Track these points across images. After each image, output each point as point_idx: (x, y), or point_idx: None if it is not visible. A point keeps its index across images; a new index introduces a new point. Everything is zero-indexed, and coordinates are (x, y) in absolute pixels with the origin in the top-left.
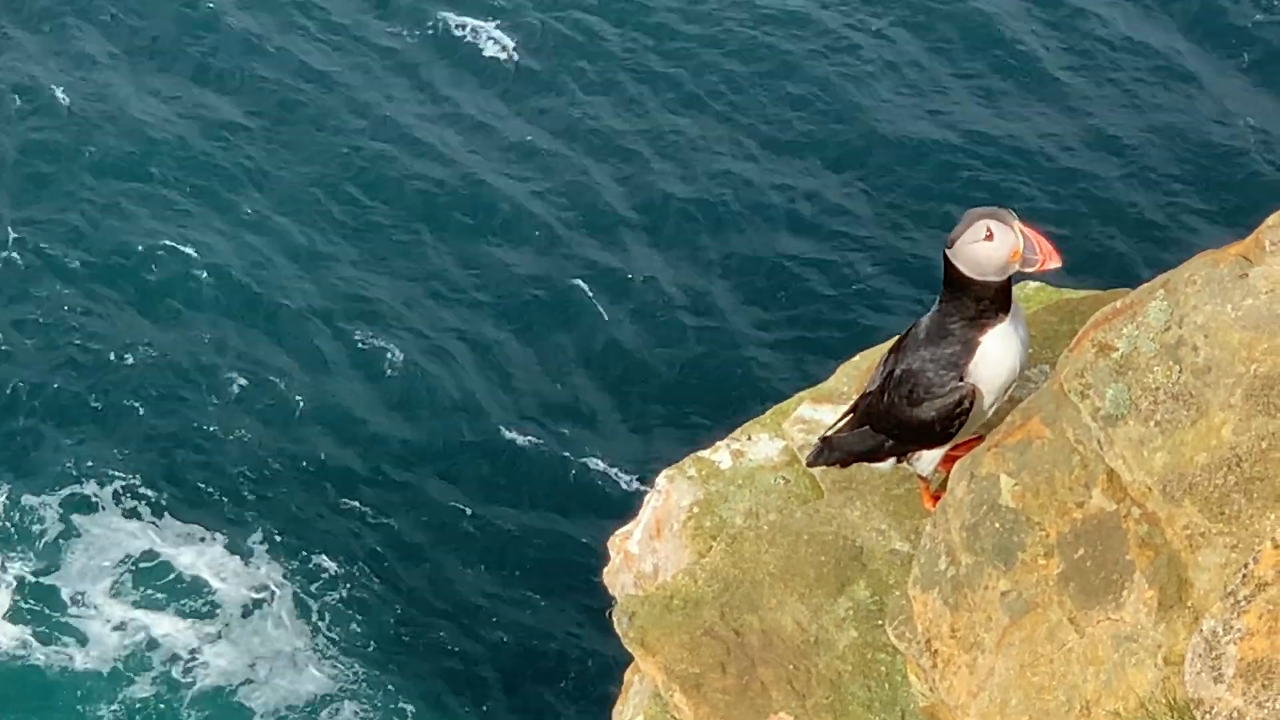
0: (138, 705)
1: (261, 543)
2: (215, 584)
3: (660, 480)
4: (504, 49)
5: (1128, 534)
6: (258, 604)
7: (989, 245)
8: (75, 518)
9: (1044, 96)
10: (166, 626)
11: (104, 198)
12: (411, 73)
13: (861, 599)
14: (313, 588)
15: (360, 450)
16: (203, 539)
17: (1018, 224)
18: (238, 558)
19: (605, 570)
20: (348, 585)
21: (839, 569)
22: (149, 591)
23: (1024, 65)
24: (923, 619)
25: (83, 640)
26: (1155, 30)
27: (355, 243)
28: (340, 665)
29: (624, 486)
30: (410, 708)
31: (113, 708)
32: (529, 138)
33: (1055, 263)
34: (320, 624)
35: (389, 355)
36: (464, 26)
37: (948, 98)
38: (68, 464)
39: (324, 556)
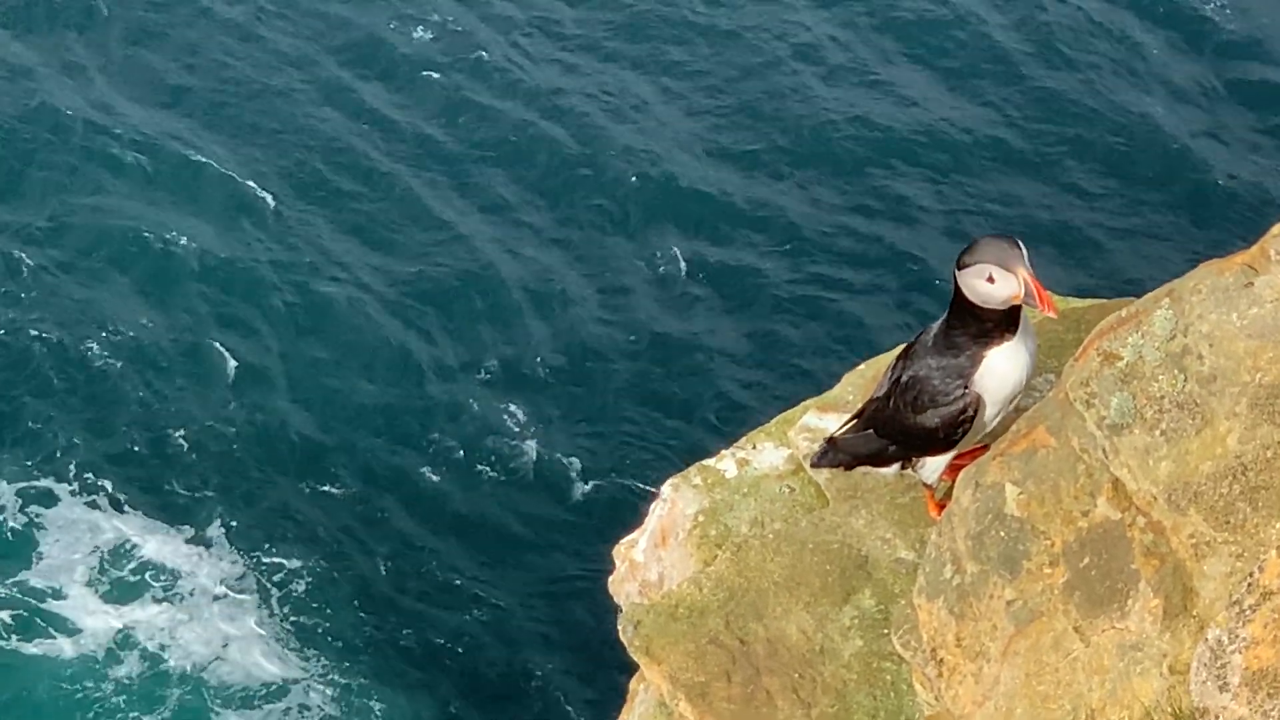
0: (108, 693)
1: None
2: (197, 573)
3: (665, 489)
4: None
5: (1133, 543)
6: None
7: (989, 287)
8: (38, 509)
9: (1050, 108)
10: (138, 615)
11: (71, 186)
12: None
13: (867, 608)
14: (306, 585)
15: (356, 454)
16: (188, 530)
17: (1022, 271)
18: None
19: (610, 579)
20: (345, 591)
21: (844, 578)
22: (117, 581)
23: (1031, 76)
24: (928, 628)
25: (52, 630)
26: (1161, 42)
27: (342, 238)
28: (340, 676)
29: (629, 495)
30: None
31: (82, 696)
32: (532, 141)
33: (1051, 314)
34: (317, 628)
35: (382, 356)
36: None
37: (957, 109)
38: (31, 454)
39: (319, 559)
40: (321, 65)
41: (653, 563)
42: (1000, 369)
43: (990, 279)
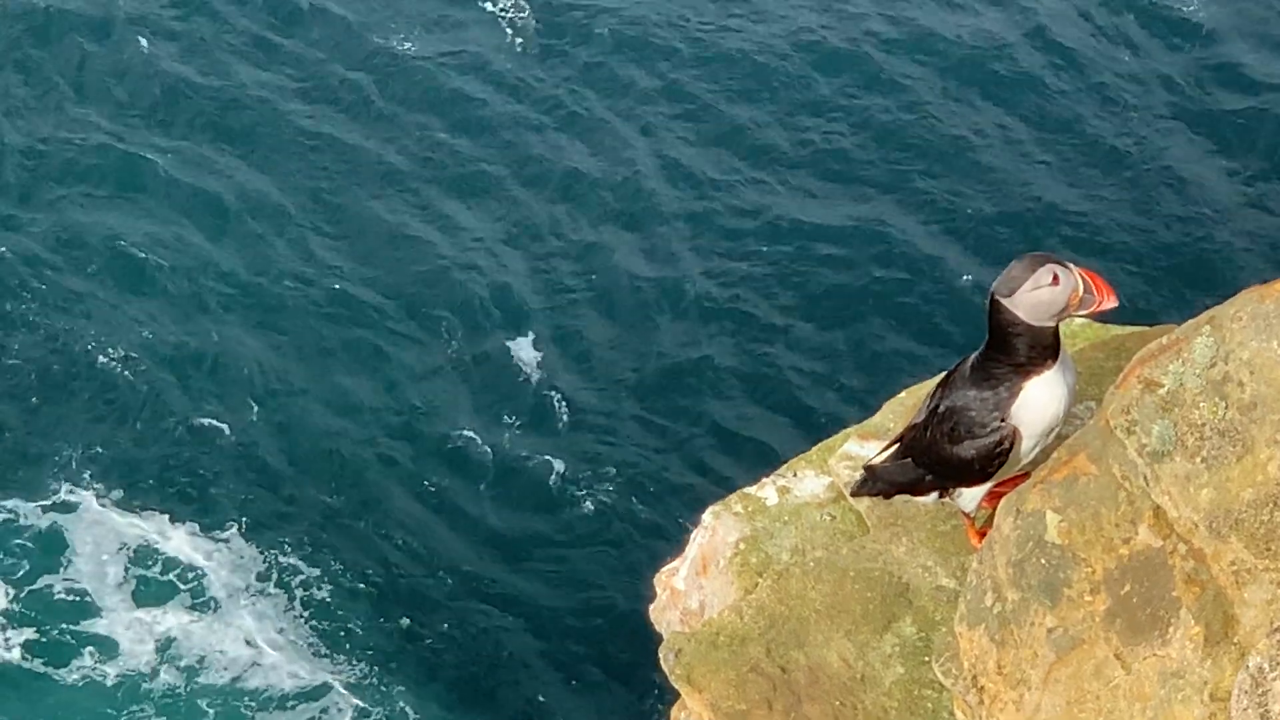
0: (137, 698)
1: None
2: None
3: (706, 516)
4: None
5: (1174, 570)
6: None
7: (1053, 290)
8: (58, 517)
9: (1087, 135)
10: (163, 620)
11: (74, 194)
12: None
13: (908, 635)
14: (335, 597)
15: (383, 469)
16: (214, 533)
17: (1075, 268)
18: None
19: (651, 607)
20: (375, 608)
21: (885, 605)
22: (140, 586)
23: (1070, 102)
24: (969, 655)
25: (79, 638)
26: (1201, 66)
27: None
28: (370, 693)
29: (670, 522)
30: None
31: (113, 702)
32: (562, 163)
33: (1112, 302)
34: (346, 640)
35: (415, 369)
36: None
37: (990, 136)
38: (50, 462)
39: (348, 572)
40: (316, 72)
41: (694, 590)
42: (1038, 401)
43: (1055, 279)
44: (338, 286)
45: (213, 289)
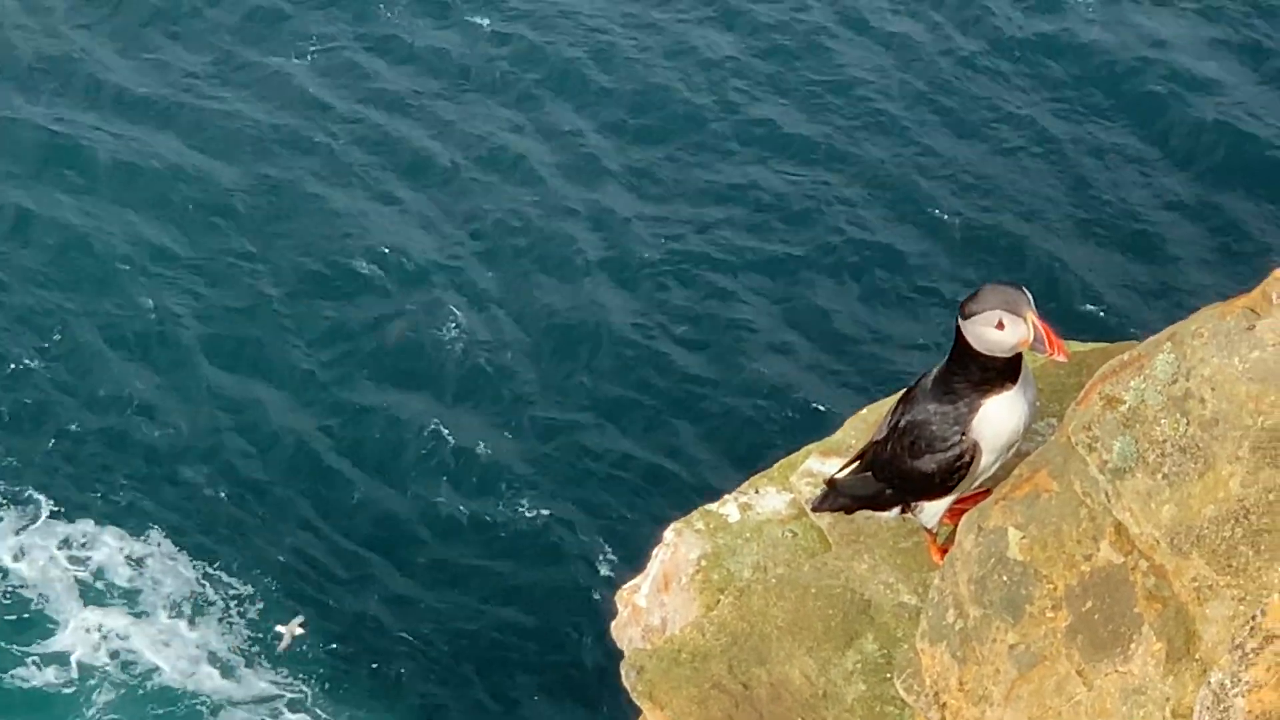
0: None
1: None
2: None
3: (668, 534)
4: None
5: (1135, 586)
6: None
7: (998, 333)
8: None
9: (1052, 155)
10: (102, 627)
11: (18, 194)
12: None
13: (870, 652)
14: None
15: (350, 490)
16: (152, 540)
17: (1030, 315)
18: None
19: (613, 624)
20: (337, 630)
21: (847, 622)
22: (89, 596)
23: (1031, 120)
24: (931, 672)
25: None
26: (1163, 87)
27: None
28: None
29: (632, 540)
30: None
31: (45, 707)
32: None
33: (1062, 358)
34: (308, 659)
35: (376, 389)
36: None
37: (961, 151)
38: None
39: (308, 589)
40: (299, 75)
41: (655, 608)
42: (998, 417)
43: (1000, 325)
44: (275, 286)
45: (145, 283)
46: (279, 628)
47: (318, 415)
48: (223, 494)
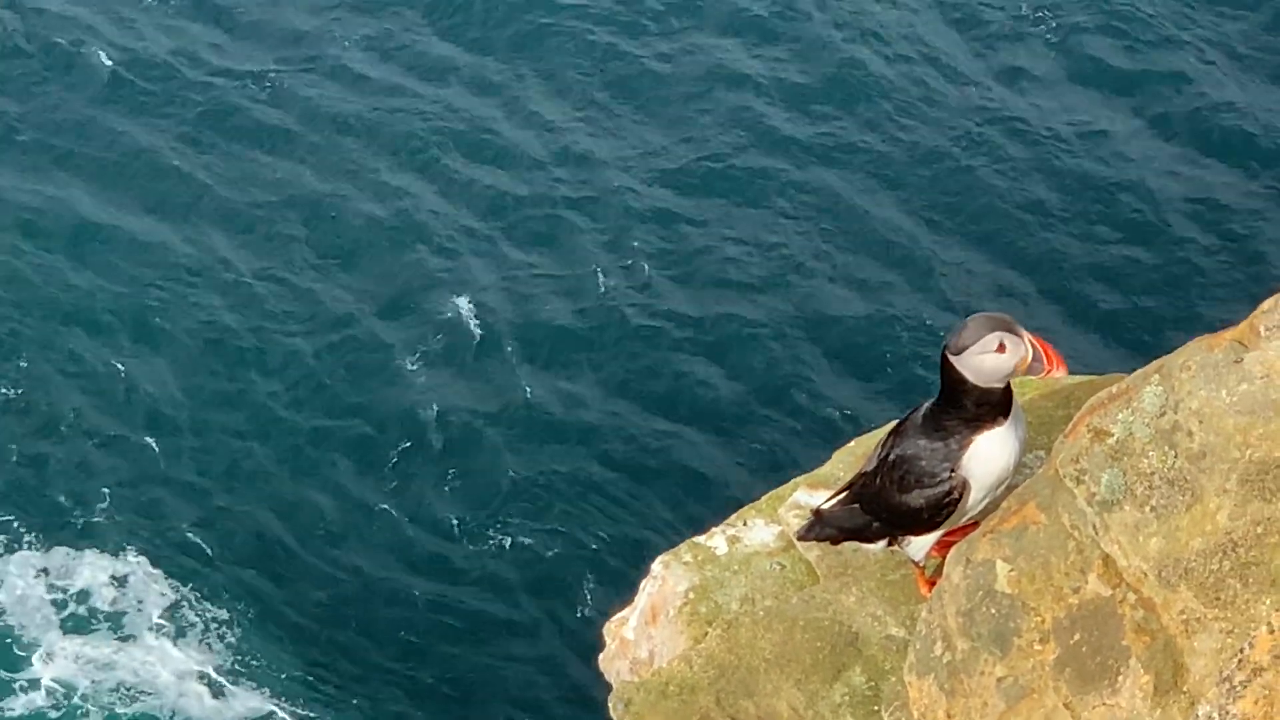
0: None
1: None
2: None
3: (656, 566)
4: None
5: (1124, 619)
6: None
7: (999, 357)
8: None
9: (1036, 182)
10: (83, 652)
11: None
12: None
13: (857, 685)
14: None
15: (342, 527)
16: (134, 561)
17: (1025, 334)
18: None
19: (601, 656)
20: (335, 672)
21: (835, 655)
22: (62, 616)
23: (1018, 149)
24: (918, 705)
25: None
26: (1150, 111)
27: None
28: None
29: (619, 572)
30: None
31: None
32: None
33: (1061, 372)
34: (311, 705)
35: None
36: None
37: (946, 180)
38: None
39: (312, 643)
40: (290, 77)
41: (643, 640)
42: (989, 454)
43: (1001, 346)
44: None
45: (119, 298)
46: None
47: (299, 436)
48: (203, 514)
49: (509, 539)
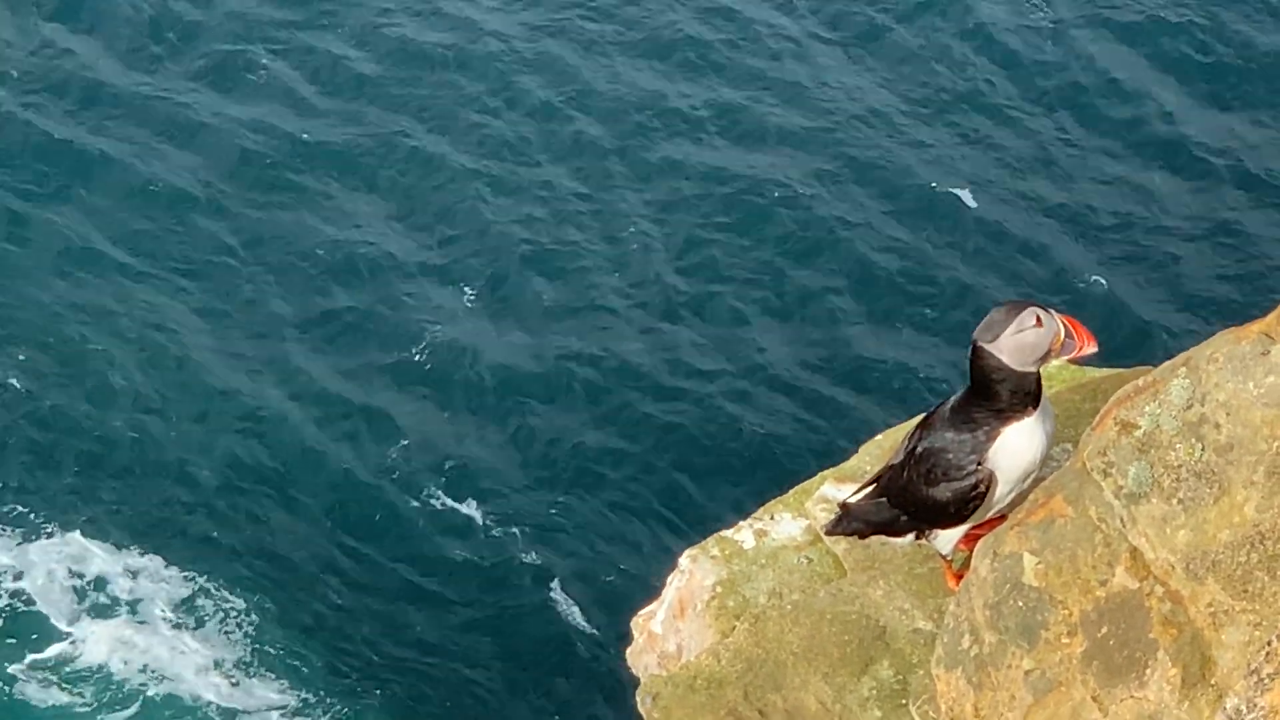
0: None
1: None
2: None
3: (683, 560)
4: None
5: (1151, 612)
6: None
7: (1037, 332)
8: None
9: (1063, 175)
10: (93, 642)
11: None
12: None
13: (885, 678)
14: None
15: (361, 519)
16: (150, 554)
17: (1056, 313)
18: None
19: (629, 650)
20: (355, 661)
21: (862, 648)
22: (74, 607)
23: (1040, 142)
24: (946, 698)
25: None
26: (1179, 105)
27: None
28: None
29: (647, 566)
30: None
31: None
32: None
33: (1093, 348)
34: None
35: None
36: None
37: (972, 178)
38: None
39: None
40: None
41: (671, 634)
42: (1016, 447)
43: (1038, 321)
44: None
45: (128, 289)
46: None
47: (316, 428)
48: (218, 505)
49: (533, 533)
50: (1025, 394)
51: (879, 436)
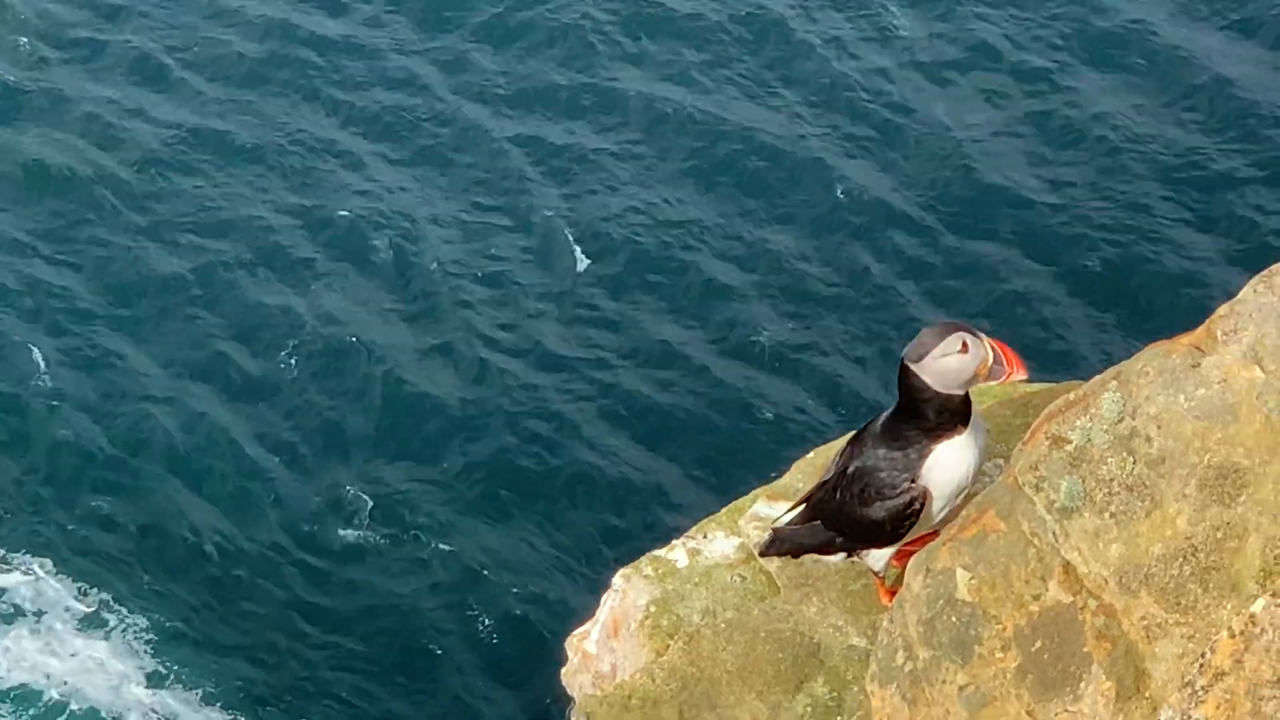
0: None
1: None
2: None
3: (617, 580)
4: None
5: (1085, 626)
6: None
7: (962, 358)
8: None
9: (992, 192)
10: (42, 662)
11: None
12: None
13: (820, 695)
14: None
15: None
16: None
17: (985, 338)
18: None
19: (563, 671)
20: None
21: (797, 666)
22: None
23: (975, 159)
24: (881, 714)
25: None
26: (1107, 122)
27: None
28: None
29: (581, 586)
30: None
31: None
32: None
33: (1021, 375)
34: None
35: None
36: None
37: (904, 193)
38: None
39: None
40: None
41: (605, 654)
42: (948, 463)
43: (964, 346)
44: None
45: (40, 289)
46: None
47: (241, 436)
48: (134, 516)
49: (465, 554)
50: (952, 414)
51: (811, 454)
